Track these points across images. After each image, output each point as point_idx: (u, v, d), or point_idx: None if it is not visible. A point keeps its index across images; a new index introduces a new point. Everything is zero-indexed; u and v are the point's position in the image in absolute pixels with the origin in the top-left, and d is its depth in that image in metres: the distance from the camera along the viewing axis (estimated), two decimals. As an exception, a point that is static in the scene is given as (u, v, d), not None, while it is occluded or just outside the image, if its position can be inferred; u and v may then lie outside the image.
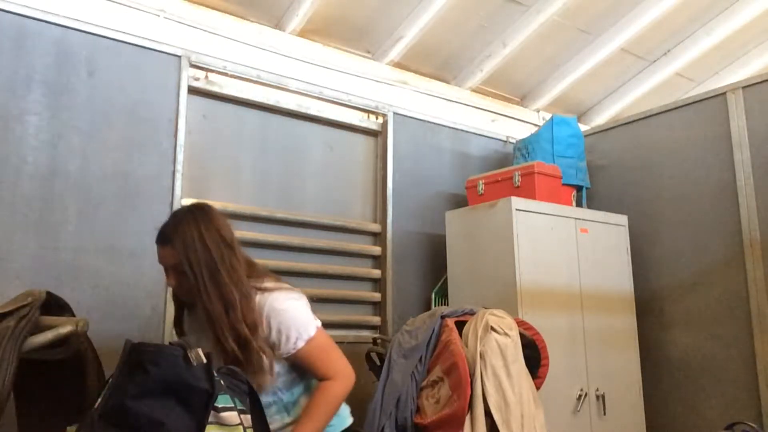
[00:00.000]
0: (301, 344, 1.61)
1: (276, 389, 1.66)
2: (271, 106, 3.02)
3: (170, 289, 2.53)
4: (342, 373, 1.66)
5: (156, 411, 1.28)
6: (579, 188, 3.44)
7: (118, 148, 2.53)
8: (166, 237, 1.66)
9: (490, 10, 3.33)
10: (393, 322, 3.13)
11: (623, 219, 3.31)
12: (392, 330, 3.05)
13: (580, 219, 3.09)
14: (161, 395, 1.30)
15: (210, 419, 1.31)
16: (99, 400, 1.35)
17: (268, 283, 1.67)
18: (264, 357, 1.58)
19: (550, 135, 3.43)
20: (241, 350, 1.55)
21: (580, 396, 2.86)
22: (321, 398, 1.62)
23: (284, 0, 3.01)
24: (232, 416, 1.35)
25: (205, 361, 1.35)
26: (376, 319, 3.16)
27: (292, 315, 1.63)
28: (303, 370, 1.69)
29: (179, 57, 2.72)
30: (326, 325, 2.97)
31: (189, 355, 1.33)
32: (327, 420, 1.63)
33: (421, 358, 2.28)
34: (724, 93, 3.12)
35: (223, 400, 1.35)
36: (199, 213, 1.68)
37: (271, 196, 2.98)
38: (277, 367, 1.64)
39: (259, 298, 1.62)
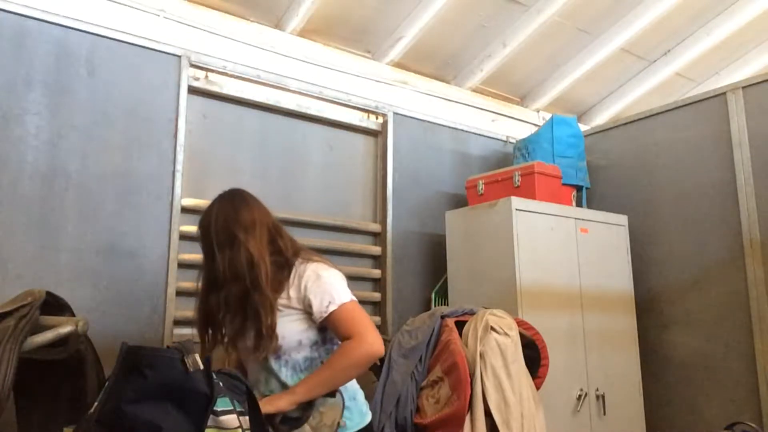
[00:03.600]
0: (333, 308, 1.66)
1: (299, 356, 1.72)
2: (271, 106, 3.01)
3: (171, 289, 2.54)
4: (364, 336, 1.65)
5: (153, 415, 1.26)
6: (579, 188, 3.44)
7: (118, 147, 2.53)
8: (201, 225, 1.79)
9: (490, 10, 3.33)
10: (393, 322, 3.13)
11: (623, 219, 3.31)
12: (392, 330, 3.05)
13: (580, 219, 3.09)
14: (159, 399, 1.29)
15: (209, 423, 1.31)
16: (95, 404, 1.34)
17: (311, 255, 1.79)
18: (275, 315, 1.66)
19: (550, 135, 3.43)
20: (260, 303, 1.64)
21: (580, 396, 2.86)
22: (342, 351, 1.66)
23: (284, 0, 3.01)
24: (231, 420, 1.34)
25: (202, 366, 1.34)
26: (376, 319, 3.16)
27: (328, 281, 1.70)
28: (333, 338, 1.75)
29: (179, 57, 2.72)
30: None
31: (186, 360, 1.32)
32: (342, 375, 1.66)
33: (421, 358, 2.28)
34: (724, 93, 3.12)
35: (222, 404, 1.35)
36: (225, 197, 1.83)
37: (271, 196, 2.95)
38: (309, 332, 1.71)
39: (302, 266, 1.73)
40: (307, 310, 1.69)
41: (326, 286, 1.69)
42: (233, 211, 1.75)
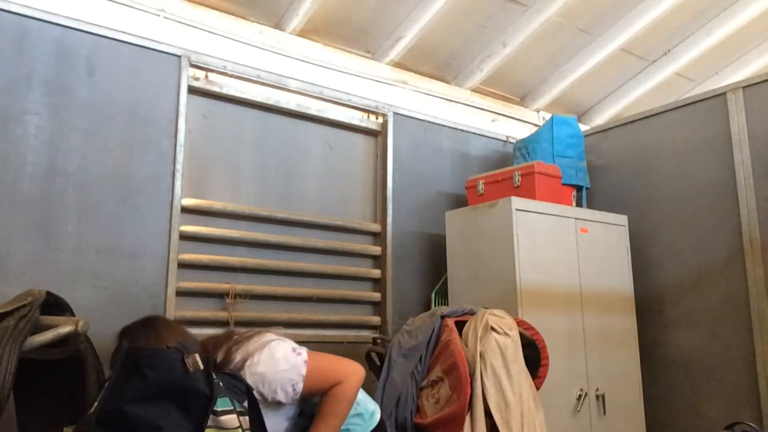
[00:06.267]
0: (300, 387, 1.60)
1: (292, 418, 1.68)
2: (271, 106, 3.01)
3: (171, 289, 2.54)
4: (344, 375, 1.67)
5: (154, 415, 1.27)
6: (579, 188, 3.44)
7: (118, 148, 2.53)
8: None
9: (490, 10, 3.33)
10: (393, 322, 3.12)
11: (623, 219, 3.31)
12: (392, 330, 3.05)
13: (580, 219, 3.09)
14: (159, 399, 1.29)
15: (209, 423, 1.31)
16: (95, 404, 1.34)
17: (235, 356, 1.60)
18: None
19: (550, 135, 3.43)
20: None
21: (580, 396, 2.86)
22: (331, 401, 1.64)
23: (284, 0, 3.01)
24: (231, 419, 1.34)
25: (202, 366, 1.34)
26: (376, 319, 3.16)
27: (273, 371, 1.58)
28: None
29: (179, 57, 2.72)
30: (326, 325, 3.01)
31: (186, 361, 1.32)
32: (340, 418, 1.67)
33: (421, 357, 2.28)
34: (724, 93, 3.12)
35: (222, 404, 1.35)
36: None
37: (271, 196, 2.97)
38: (290, 411, 1.66)
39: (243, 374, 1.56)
40: (276, 405, 1.61)
41: (276, 377, 1.58)
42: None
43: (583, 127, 3.75)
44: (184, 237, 2.64)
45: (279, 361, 1.60)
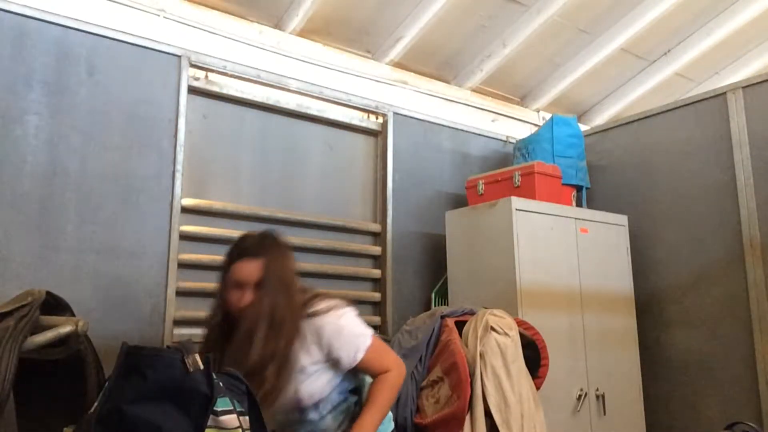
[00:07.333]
0: (360, 356, 1.72)
1: (333, 395, 1.77)
2: (271, 106, 3.01)
3: (171, 289, 2.54)
4: (396, 363, 1.79)
5: (153, 415, 1.26)
6: (579, 188, 3.44)
7: (118, 148, 2.53)
8: (254, 252, 1.72)
9: (490, 10, 3.33)
10: (393, 322, 3.12)
11: (623, 219, 3.31)
12: (392, 330, 3.05)
13: (580, 219, 3.09)
14: (159, 399, 1.29)
15: (209, 423, 1.31)
16: (95, 404, 1.34)
17: (319, 305, 1.75)
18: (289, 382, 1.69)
19: (550, 135, 3.43)
20: (278, 370, 1.64)
21: (580, 396, 2.86)
22: (382, 386, 1.74)
23: (284, 0, 3.01)
24: (231, 420, 1.34)
25: (202, 366, 1.34)
26: (376, 319, 3.16)
27: (348, 330, 1.74)
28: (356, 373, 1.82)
29: (179, 57, 2.72)
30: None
31: (186, 360, 1.32)
32: (389, 405, 1.76)
33: (421, 358, 2.28)
34: (724, 93, 3.12)
35: (222, 404, 1.35)
36: (281, 240, 1.80)
37: (271, 196, 2.98)
38: (336, 379, 1.76)
39: (316, 320, 1.72)
40: (333, 363, 1.73)
41: (349, 336, 1.73)
42: (285, 259, 1.76)
43: (583, 127, 3.75)
44: (184, 237, 2.64)
45: (355, 326, 1.76)
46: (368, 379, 1.83)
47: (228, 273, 1.73)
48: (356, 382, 1.83)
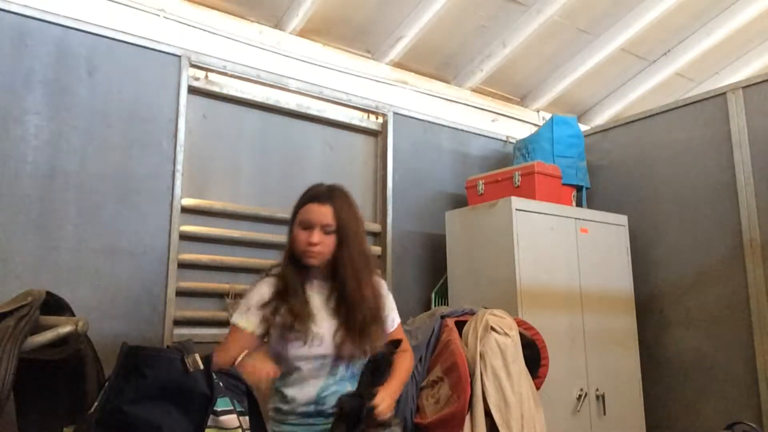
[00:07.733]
0: (396, 324, 1.91)
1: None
2: (271, 106, 3.01)
3: (171, 289, 2.54)
4: (410, 348, 1.97)
5: (153, 415, 1.26)
6: (579, 188, 3.44)
7: (118, 148, 2.53)
8: (330, 198, 1.84)
9: (490, 10, 3.33)
10: (393, 322, 3.12)
11: (623, 219, 3.31)
12: (392, 330, 3.04)
13: (580, 219, 3.09)
14: (159, 399, 1.29)
15: (209, 423, 1.31)
16: (95, 404, 1.34)
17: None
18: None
19: (550, 135, 3.43)
20: (372, 315, 1.77)
21: (580, 396, 2.86)
22: (405, 359, 1.85)
23: (284, 0, 3.01)
24: (231, 420, 1.34)
25: (202, 366, 1.34)
26: (376, 319, 3.16)
27: (392, 299, 1.93)
28: None
29: (179, 57, 2.72)
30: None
31: (186, 360, 1.32)
32: (408, 374, 1.89)
33: (421, 358, 2.28)
34: (724, 93, 3.12)
35: (222, 404, 1.35)
36: (349, 193, 1.93)
37: (271, 196, 2.97)
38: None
39: (378, 279, 1.89)
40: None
41: (392, 304, 1.93)
42: (353, 208, 1.87)
43: (583, 127, 3.75)
44: (184, 237, 2.64)
45: (392, 301, 1.93)
46: None
47: (296, 216, 1.84)
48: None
